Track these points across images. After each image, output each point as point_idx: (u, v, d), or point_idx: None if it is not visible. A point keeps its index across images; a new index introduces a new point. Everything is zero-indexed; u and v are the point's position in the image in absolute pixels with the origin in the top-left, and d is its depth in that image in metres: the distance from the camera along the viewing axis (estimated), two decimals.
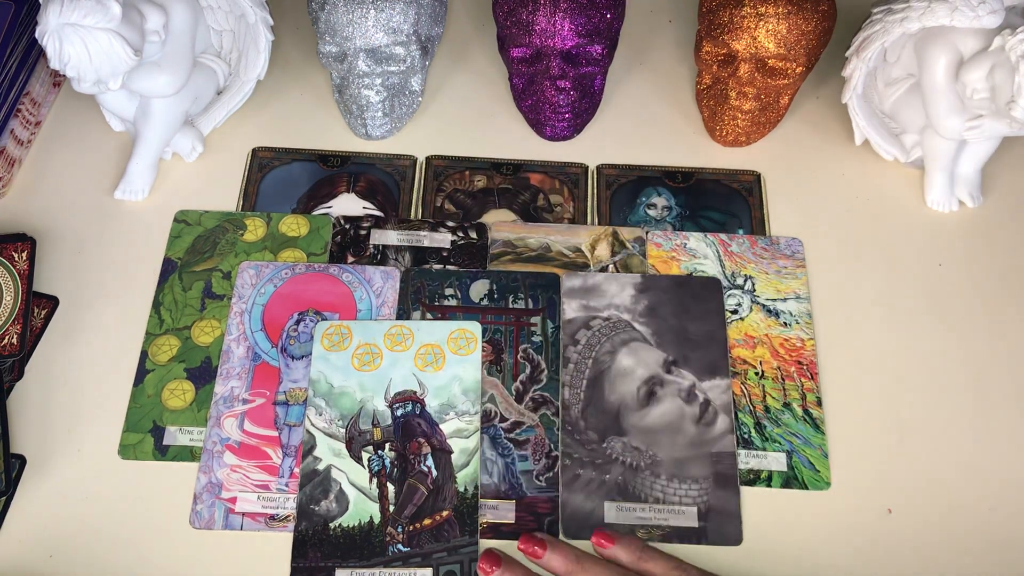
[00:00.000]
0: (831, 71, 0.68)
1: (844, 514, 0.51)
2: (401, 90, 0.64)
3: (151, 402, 0.54)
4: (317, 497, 0.51)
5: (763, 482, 0.52)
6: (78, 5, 0.51)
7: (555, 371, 0.55)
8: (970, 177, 0.62)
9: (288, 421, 0.53)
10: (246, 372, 0.55)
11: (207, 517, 0.50)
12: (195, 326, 0.57)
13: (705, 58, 0.62)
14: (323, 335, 0.56)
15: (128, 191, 0.62)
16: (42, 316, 0.57)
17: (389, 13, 0.59)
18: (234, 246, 0.60)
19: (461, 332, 0.56)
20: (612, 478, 0.52)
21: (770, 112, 0.63)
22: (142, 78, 0.58)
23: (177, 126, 0.62)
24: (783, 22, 0.57)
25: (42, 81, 0.66)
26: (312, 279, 0.58)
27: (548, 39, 0.59)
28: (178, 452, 0.52)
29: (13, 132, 0.62)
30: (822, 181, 0.64)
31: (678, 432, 0.53)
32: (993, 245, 0.61)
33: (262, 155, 0.65)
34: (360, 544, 0.49)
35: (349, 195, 0.63)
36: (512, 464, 0.52)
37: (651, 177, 0.64)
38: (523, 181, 0.64)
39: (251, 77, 0.65)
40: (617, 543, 0.49)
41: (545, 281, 0.58)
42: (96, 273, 0.59)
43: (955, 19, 0.54)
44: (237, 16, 0.64)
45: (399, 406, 0.53)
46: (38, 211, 0.62)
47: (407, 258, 0.60)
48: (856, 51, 0.60)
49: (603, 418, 0.53)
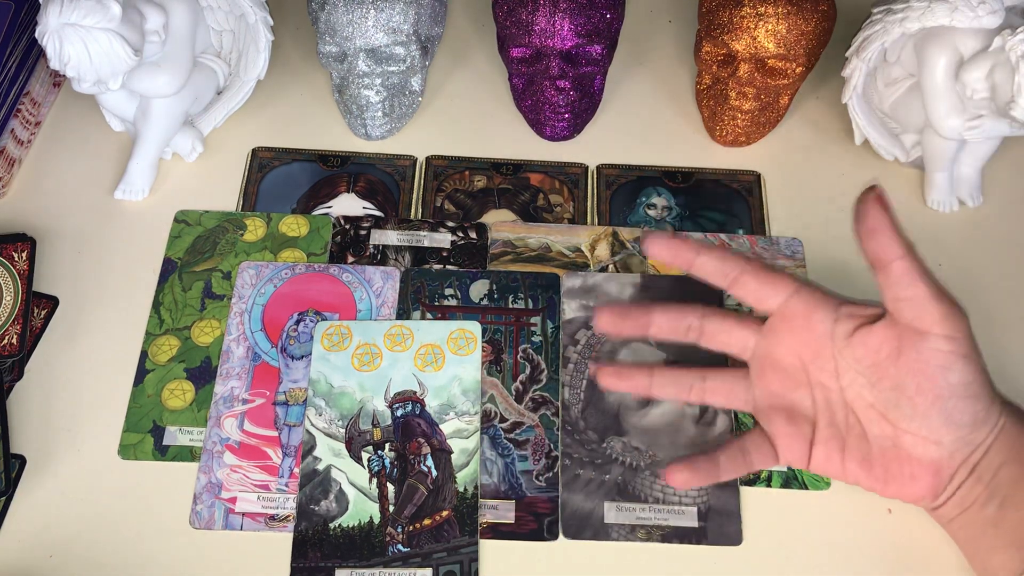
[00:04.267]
0: (831, 71, 0.68)
1: (844, 514, 0.51)
2: (401, 90, 0.64)
3: (151, 402, 0.54)
4: (317, 497, 0.51)
5: (763, 482, 0.52)
6: (78, 5, 0.51)
7: (555, 371, 0.55)
8: (970, 177, 0.62)
9: (288, 421, 0.53)
10: (246, 372, 0.55)
11: (207, 517, 0.50)
12: (195, 326, 0.57)
13: (705, 58, 0.62)
14: (323, 335, 0.56)
15: (128, 191, 0.62)
16: (42, 316, 0.57)
17: (389, 13, 0.59)
18: (234, 246, 0.60)
19: (461, 332, 0.56)
20: (612, 478, 0.52)
21: (770, 112, 0.63)
22: (142, 78, 0.58)
23: (177, 126, 0.62)
24: (783, 22, 0.57)
25: (42, 81, 0.66)
26: (312, 279, 0.58)
27: (548, 39, 0.59)
28: (178, 452, 0.52)
29: (13, 132, 0.62)
30: (822, 181, 0.64)
31: (678, 432, 0.53)
32: (993, 245, 0.61)
33: (262, 155, 0.65)
34: (360, 544, 0.49)
35: (349, 195, 0.63)
36: (512, 464, 0.52)
37: (651, 177, 0.64)
38: (523, 181, 0.64)
39: (251, 77, 0.65)
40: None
41: (545, 281, 0.58)
42: (96, 273, 0.59)
43: (955, 19, 0.54)
44: (237, 16, 0.64)
45: (399, 406, 0.53)
46: (38, 211, 0.62)
47: (407, 258, 0.60)
48: (856, 51, 0.60)
49: (603, 418, 0.53)
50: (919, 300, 0.42)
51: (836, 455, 0.46)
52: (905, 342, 0.43)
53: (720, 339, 0.48)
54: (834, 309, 0.46)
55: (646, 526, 0.50)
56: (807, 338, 0.46)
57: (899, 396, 0.43)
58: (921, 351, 0.42)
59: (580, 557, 0.50)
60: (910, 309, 0.42)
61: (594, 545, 0.50)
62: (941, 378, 0.42)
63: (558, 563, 0.50)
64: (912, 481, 0.44)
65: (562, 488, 0.51)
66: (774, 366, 0.47)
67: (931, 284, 0.42)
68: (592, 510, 0.51)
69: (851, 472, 0.46)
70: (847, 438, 0.46)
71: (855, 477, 0.46)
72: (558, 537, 0.50)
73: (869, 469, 0.45)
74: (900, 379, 0.43)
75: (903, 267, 0.42)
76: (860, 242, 0.43)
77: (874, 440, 0.45)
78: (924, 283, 0.42)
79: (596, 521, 0.50)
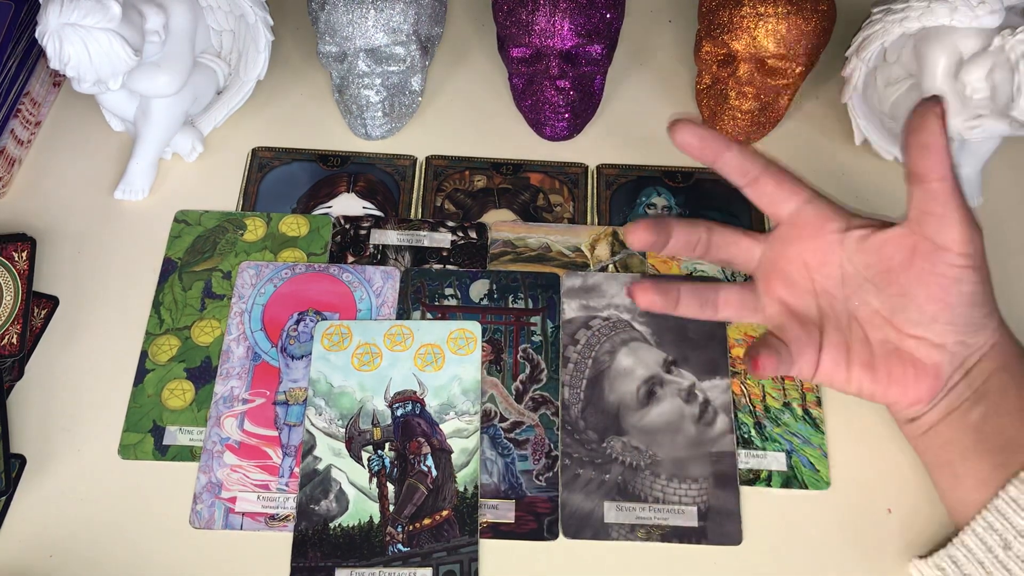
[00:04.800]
0: (831, 71, 0.68)
1: (844, 514, 0.51)
2: (401, 90, 0.64)
3: (151, 402, 0.54)
4: (317, 497, 0.51)
5: (763, 482, 0.52)
6: (78, 5, 0.51)
7: (555, 371, 0.55)
8: (970, 177, 0.62)
9: (288, 421, 0.53)
10: (246, 372, 0.55)
11: (207, 517, 0.50)
12: (195, 326, 0.57)
13: (705, 58, 0.62)
14: (323, 335, 0.56)
15: (128, 191, 0.62)
16: (42, 316, 0.57)
17: (389, 13, 0.59)
18: (234, 246, 0.60)
19: (461, 332, 0.56)
20: (612, 478, 0.52)
21: (770, 112, 0.63)
22: (142, 78, 0.58)
23: (177, 126, 0.62)
24: (783, 22, 0.57)
25: (42, 81, 0.66)
26: (312, 279, 0.58)
27: (548, 39, 0.59)
28: (178, 452, 0.52)
29: (13, 132, 0.62)
30: (822, 181, 0.64)
31: (678, 432, 0.53)
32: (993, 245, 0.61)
33: (262, 155, 0.65)
34: (360, 544, 0.49)
35: (349, 195, 0.63)
36: (512, 464, 0.52)
37: (651, 177, 0.64)
38: (523, 181, 0.64)
39: (251, 77, 0.65)
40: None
41: (545, 281, 0.58)
42: (96, 273, 0.59)
43: (955, 19, 0.54)
44: (237, 16, 0.64)
45: (399, 406, 0.53)
46: (38, 211, 0.62)
47: (407, 258, 0.60)
48: (856, 51, 0.60)
49: (603, 418, 0.53)
50: (948, 220, 0.43)
51: (842, 360, 0.47)
52: (919, 252, 0.44)
53: (727, 251, 0.50)
54: (847, 219, 0.47)
55: (646, 526, 0.50)
56: (816, 245, 0.48)
57: (907, 302, 0.45)
58: (936, 264, 0.44)
59: (580, 557, 0.50)
60: (936, 224, 0.44)
61: (594, 545, 0.50)
62: (953, 287, 0.44)
63: (558, 563, 0.50)
64: (915, 383, 0.46)
65: (562, 488, 0.51)
66: (779, 274, 0.49)
67: (962, 206, 0.43)
68: (592, 510, 0.51)
69: (855, 378, 0.47)
70: (851, 343, 0.47)
71: (859, 383, 0.47)
72: (558, 537, 0.50)
73: (873, 373, 0.46)
74: (909, 287, 0.45)
75: (943, 187, 0.43)
76: (907, 151, 0.44)
77: (877, 345, 0.47)
78: (956, 205, 0.43)
79: (596, 521, 0.50)
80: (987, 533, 0.43)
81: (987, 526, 0.43)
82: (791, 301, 0.49)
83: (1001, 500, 0.43)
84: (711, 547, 0.50)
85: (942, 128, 0.43)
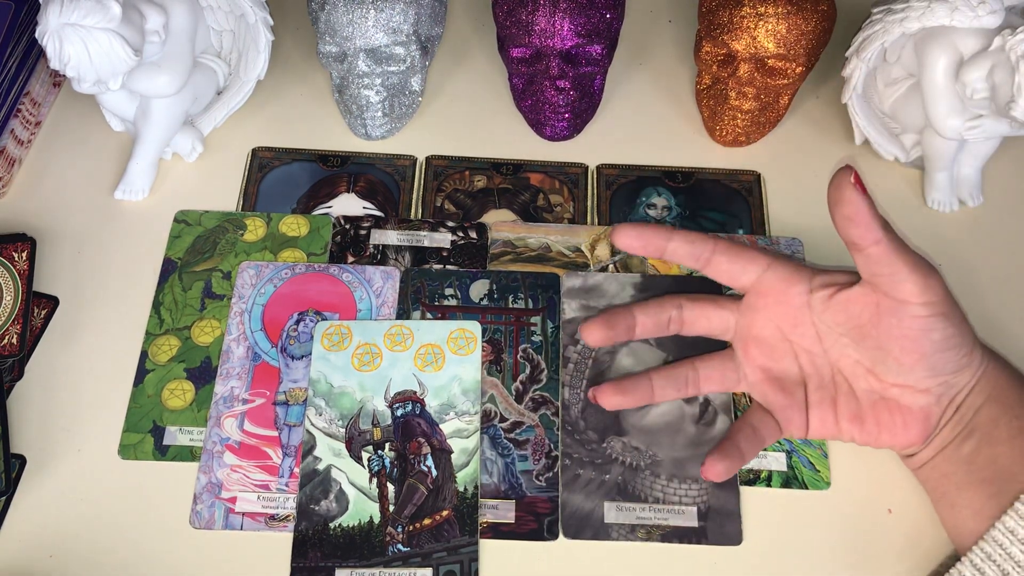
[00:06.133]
0: (831, 71, 0.68)
1: (844, 514, 0.51)
2: (401, 90, 0.64)
3: (151, 402, 0.54)
4: (317, 497, 0.51)
5: (763, 482, 0.52)
6: (78, 5, 0.51)
7: (555, 371, 0.55)
8: (970, 177, 0.62)
9: (288, 421, 0.53)
10: (246, 372, 0.55)
11: (207, 517, 0.50)
12: (195, 326, 0.57)
13: (705, 58, 0.62)
14: (323, 335, 0.56)
15: (128, 191, 0.62)
16: (42, 316, 0.57)
17: (389, 13, 0.59)
18: (234, 246, 0.60)
19: (461, 332, 0.56)
20: (612, 478, 0.52)
21: (770, 112, 0.63)
22: (142, 78, 0.58)
23: (177, 126, 0.62)
24: (783, 22, 0.57)
25: (42, 81, 0.66)
26: (312, 279, 0.58)
27: (548, 39, 0.59)
28: (178, 452, 0.52)
29: (13, 132, 0.62)
30: (822, 181, 0.64)
31: (678, 432, 0.53)
32: (993, 245, 0.61)
33: (262, 155, 0.65)
34: (360, 544, 0.49)
35: (349, 195, 0.63)
36: (512, 464, 0.52)
37: (651, 177, 0.64)
38: (523, 181, 0.64)
39: (251, 77, 0.65)
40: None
41: (545, 281, 0.58)
42: (96, 273, 0.59)
43: (955, 19, 0.54)
44: (237, 16, 0.64)
45: (399, 406, 0.53)
46: (38, 211, 0.62)
47: (407, 258, 0.60)
48: (856, 51, 0.60)
49: (603, 418, 0.53)
50: (897, 276, 0.43)
51: (830, 416, 0.48)
52: (883, 308, 0.44)
53: (700, 324, 0.51)
54: (808, 280, 0.48)
55: (646, 526, 0.50)
56: (784, 310, 0.48)
57: (884, 355, 0.45)
58: (901, 318, 0.44)
59: (580, 557, 0.50)
60: (888, 283, 0.44)
61: (594, 545, 0.50)
62: (924, 338, 0.44)
63: (558, 563, 0.50)
64: (905, 429, 0.46)
65: (562, 488, 0.51)
66: (756, 340, 0.49)
67: (907, 258, 0.43)
68: (592, 510, 0.51)
69: (845, 431, 0.48)
70: (837, 397, 0.47)
71: (850, 435, 0.48)
72: (558, 537, 0.50)
73: (862, 425, 0.47)
74: (882, 341, 0.45)
75: (880, 250, 0.43)
76: (837, 225, 0.45)
77: (862, 395, 0.47)
78: (901, 259, 0.43)
79: (596, 521, 0.50)
80: (985, 564, 0.43)
81: (985, 556, 0.43)
82: (771, 365, 0.49)
83: (998, 531, 0.43)
84: (711, 547, 0.50)
85: (861, 195, 0.43)
